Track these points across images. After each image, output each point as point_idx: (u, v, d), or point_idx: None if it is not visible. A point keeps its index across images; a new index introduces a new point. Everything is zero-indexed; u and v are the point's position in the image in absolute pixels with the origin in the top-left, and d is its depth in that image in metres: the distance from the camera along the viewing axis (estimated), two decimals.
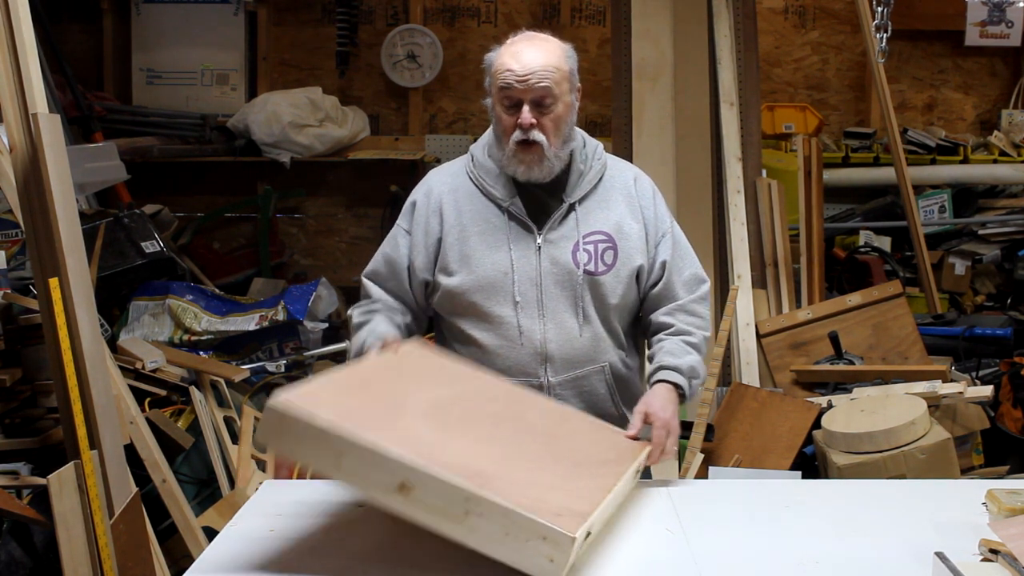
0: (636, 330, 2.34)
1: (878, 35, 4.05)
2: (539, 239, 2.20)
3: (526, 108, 2.11)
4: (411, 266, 2.26)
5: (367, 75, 6.04)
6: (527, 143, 2.13)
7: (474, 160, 2.27)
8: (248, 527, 1.89)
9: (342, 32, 5.90)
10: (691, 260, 2.31)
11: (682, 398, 2.19)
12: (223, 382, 3.86)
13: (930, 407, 3.30)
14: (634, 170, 2.34)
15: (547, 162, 2.15)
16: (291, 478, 3.59)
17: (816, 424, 3.46)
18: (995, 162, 5.73)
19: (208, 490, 3.45)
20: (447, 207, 2.24)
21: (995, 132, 5.87)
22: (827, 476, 3.28)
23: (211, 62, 5.87)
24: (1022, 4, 5.83)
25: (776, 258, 4.37)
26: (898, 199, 5.36)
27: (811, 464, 3.46)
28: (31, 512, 2.67)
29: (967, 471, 3.51)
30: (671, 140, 4.32)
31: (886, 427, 3.17)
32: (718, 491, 2.19)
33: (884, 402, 3.35)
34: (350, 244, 6.11)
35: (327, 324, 4.60)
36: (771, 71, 5.97)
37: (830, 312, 4.14)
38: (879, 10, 4.04)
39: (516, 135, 2.13)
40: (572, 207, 2.22)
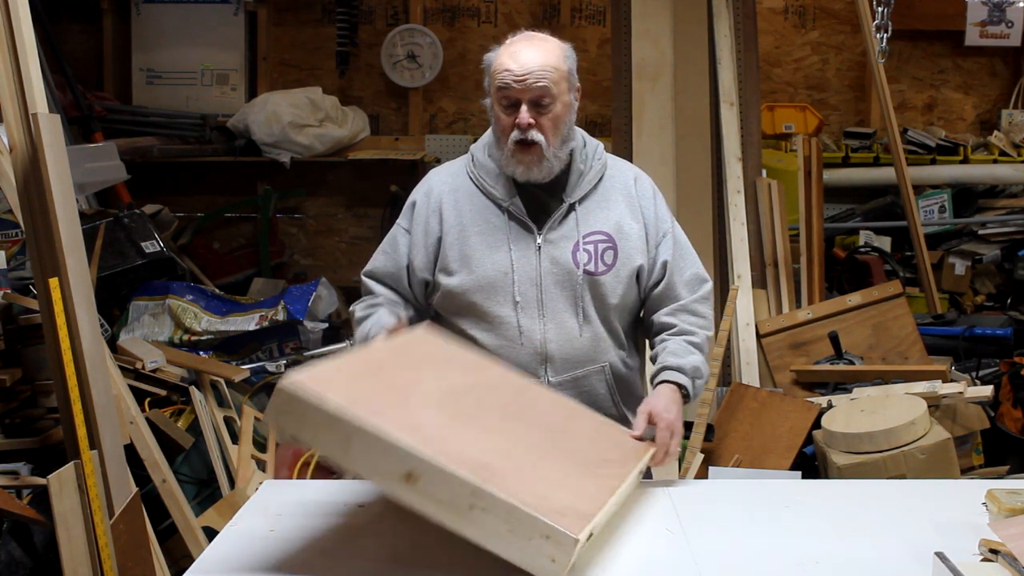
0: (636, 330, 2.34)
1: (878, 35, 4.05)
2: (539, 239, 2.19)
3: (524, 108, 2.11)
4: (410, 265, 2.27)
5: (367, 75, 6.04)
6: (525, 143, 2.12)
7: (474, 160, 2.27)
8: (248, 527, 1.89)
9: (342, 32, 5.90)
10: (692, 260, 2.31)
11: (686, 398, 2.19)
12: (223, 382, 3.86)
13: (930, 407, 3.30)
14: (634, 170, 2.34)
15: (546, 162, 2.15)
16: (291, 478, 3.60)
17: (816, 424, 3.46)
18: (995, 162, 5.73)
19: (208, 490, 3.45)
20: (447, 207, 2.24)
21: (995, 132, 5.87)
22: (827, 476, 3.28)
23: (211, 62, 5.87)
24: (1022, 4, 5.83)
25: (776, 258, 4.37)
26: (898, 199, 5.36)
27: (811, 464, 3.46)
28: (31, 512, 2.67)
29: (967, 471, 3.51)
30: (671, 140, 4.32)
31: (886, 427, 3.17)
32: (718, 491, 2.19)
33: (884, 402, 3.35)
34: (350, 244, 6.11)
35: (327, 324, 4.60)
36: (771, 71, 5.97)
37: (830, 312, 4.15)
38: (879, 10, 4.04)
39: (514, 135, 2.12)
40: (572, 207, 2.21)
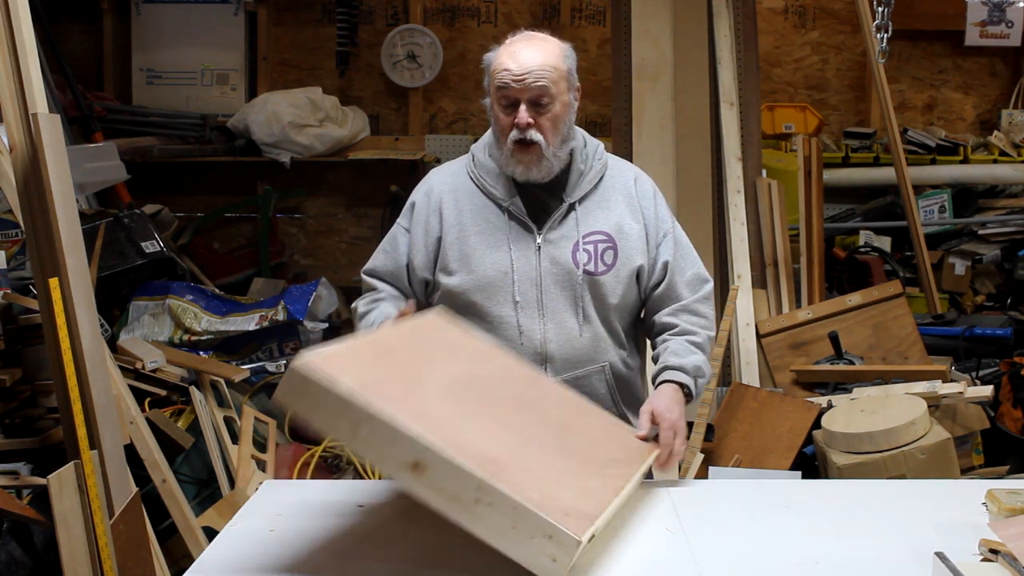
0: (637, 330, 2.34)
1: (879, 35, 4.05)
2: (539, 239, 2.19)
3: (523, 107, 2.11)
4: (410, 264, 2.27)
5: (367, 75, 6.04)
6: (525, 143, 2.12)
7: (475, 160, 2.27)
8: (248, 527, 1.89)
9: (342, 32, 5.90)
10: (693, 260, 2.31)
11: (688, 397, 2.19)
12: (223, 382, 3.86)
13: (930, 407, 3.30)
14: (635, 170, 2.33)
15: (545, 162, 2.15)
16: (291, 478, 3.60)
17: (816, 424, 3.46)
18: (995, 162, 5.73)
19: (208, 490, 3.45)
20: (447, 206, 2.24)
21: (995, 132, 5.87)
22: (827, 476, 3.28)
23: (211, 62, 5.87)
24: (1022, 4, 5.83)
25: (776, 258, 4.36)
26: (898, 199, 5.36)
27: (811, 464, 3.46)
28: (31, 512, 2.67)
29: (967, 471, 3.51)
30: (671, 140, 4.32)
31: (886, 427, 3.17)
32: (718, 491, 2.19)
33: (884, 402, 3.35)
34: (350, 244, 6.11)
35: (327, 324, 4.60)
36: (771, 71, 5.97)
37: (830, 312, 4.14)
38: (880, 10, 4.04)
39: (513, 135, 2.12)
40: (572, 207, 2.21)
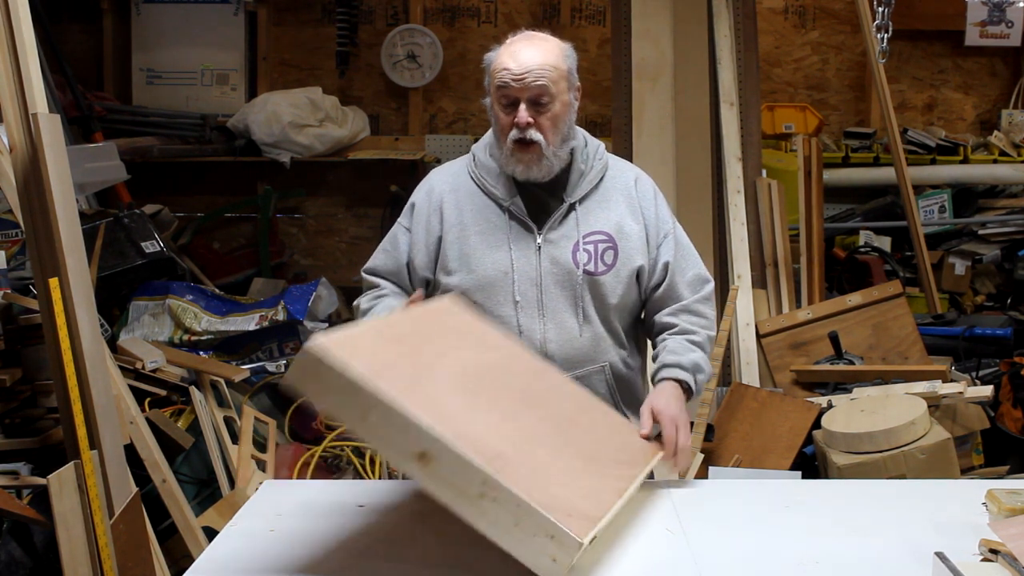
0: (637, 330, 2.34)
1: (879, 35, 4.06)
2: (539, 239, 2.19)
3: (523, 107, 2.11)
4: (411, 263, 2.27)
5: (367, 75, 6.04)
6: (524, 142, 2.12)
7: (475, 160, 2.27)
8: (248, 527, 1.89)
9: (342, 32, 5.90)
10: (694, 261, 2.31)
11: (688, 394, 2.18)
12: (223, 382, 3.85)
13: (930, 407, 3.30)
14: (635, 171, 2.33)
15: (545, 161, 2.15)
16: (291, 478, 3.60)
17: (816, 424, 3.45)
18: (995, 162, 5.73)
19: (208, 490, 3.45)
20: (448, 206, 2.25)
21: (995, 132, 5.88)
22: (827, 476, 3.28)
23: (211, 62, 5.88)
24: (1022, 4, 5.83)
25: (776, 258, 4.36)
26: (898, 199, 5.36)
27: (811, 464, 3.46)
28: (31, 512, 2.67)
29: (967, 471, 3.50)
30: (671, 140, 4.32)
31: (886, 427, 3.17)
32: (718, 491, 2.19)
33: (884, 402, 3.34)
34: (350, 244, 6.11)
35: (327, 324, 4.59)
36: (771, 71, 5.97)
37: (830, 312, 4.14)
38: (880, 10, 4.05)
39: (513, 134, 2.13)
40: (572, 207, 2.21)
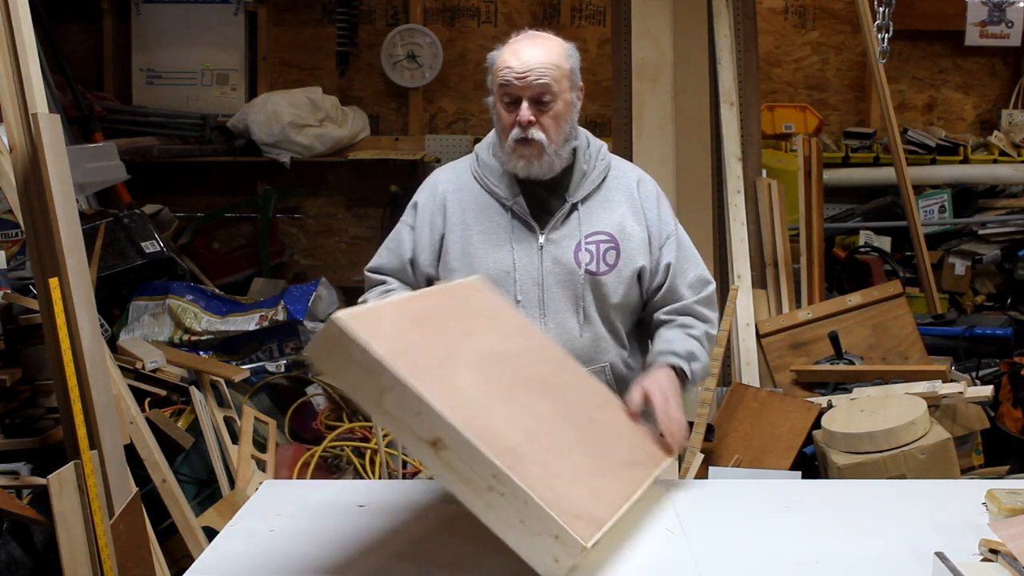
0: (639, 331, 2.34)
1: (880, 35, 4.06)
2: (541, 238, 2.20)
3: (525, 105, 2.11)
4: (415, 261, 2.27)
5: (367, 75, 6.04)
6: (526, 140, 2.13)
7: (478, 159, 2.28)
8: (248, 527, 1.89)
9: (342, 32, 5.90)
10: (696, 262, 2.31)
11: (683, 381, 2.18)
12: (223, 382, 3.86)
13: (930, 407, 3.30)
14: (638, 172, 2.34)
15: (546, 157, 2.15)
16: (291, 478, 3.60)
17: (816, 424, 3.45)
18: (995, 162, 5.73)
19: (208, 490, 3.45)
20: (451, 204, 2.25)
21: (995, 132, 5.88)
22: (827, 476, 3.28)
23: (211, 62, 5.88)
24: (1022, 4, 5.83)
25: (776, 258, 4.36)
26: (898, 199, 5.36)
27: (811, 464, 3.46)
28: (31, 512, 2.67)
29: (967, 471, 3.50)
30: (671, 140, 4.32)
31: (886, 427, 3.17)
32: (718, 491, 2.19)
33: (884, 402, 3.34)
34: (350, 244, 6.11)
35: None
36: (771, 71, 5.97)
37: (830, 312, 4.14)
38: (880, 10, 4.05)
39: (515, 132, 2.13)
40: (575, 207, 2.22)
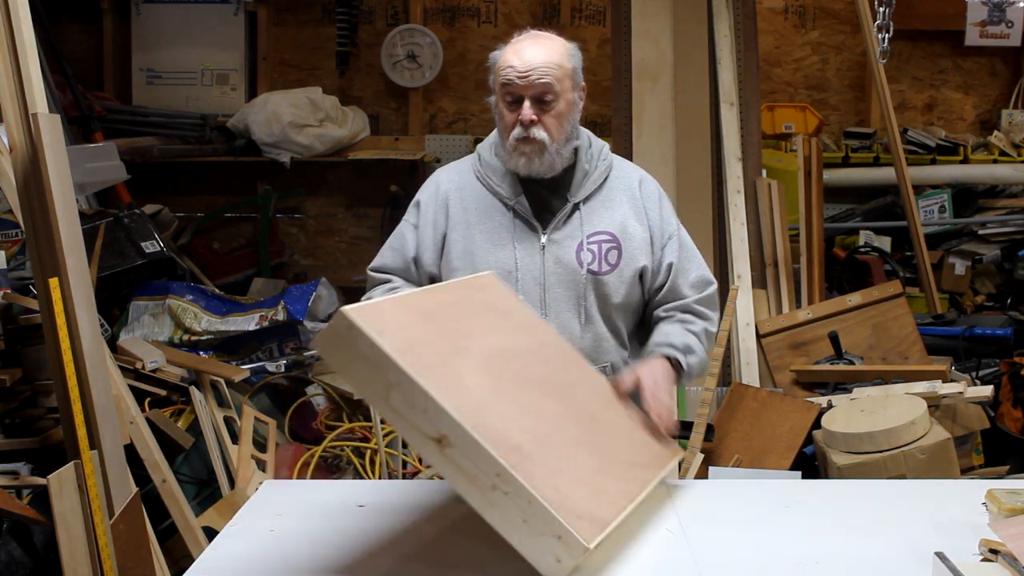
0: (640, 331, 2.34)
1: (880, 35, 4.06)
2: (543, 238, 2.20)
3: (527, 104, 2.12)
4: (418, 259, 2.27)
5: (367, 75, 6.04)
6: (528, 139, 2.13)
7: (481, 159, 2.28)
8: (248, 527, 1.89)
9: (342, 32, 5.90)
10: (698, 262, 2.31)
11: (679, 373, 2.18)
12: (223, 382, 3.85)
13: (930, 407, 3.30)
14: (640, 172, 2.34)
15: (547, 156, 2.16)
16: (291, 478, 3.60)
17: (816, 424, 3.46)
18: (995, 162, 5.73)
19: (208, 490, 3.45)
20: (453, 203, 2.25)
21: (995, 132, 5.87)
22: (827, 476, 3.28)
23: (211, 62, 5.88)
24: (1022, 4, 5.83)
25: (776, 258, 4.37)
26: (898, 199, 5.36)
27: (811, 464, 3.46)
28: (31, 512, 2.67)
29: (967, 471, 3.51)
30: (671, 140, 4.32)
31: (886, 427, 3.17)
32: (718, 491, 2.19)
33: (884, 402, 3.35)
34: (350, 244, 6.11)
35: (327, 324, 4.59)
36: (771, 71, 5.97)
37: (830, 312, 4.14)
38: (881, 10, 4.05)
39: (517, 131, 2.13)
40: (576, 207, 2.22)
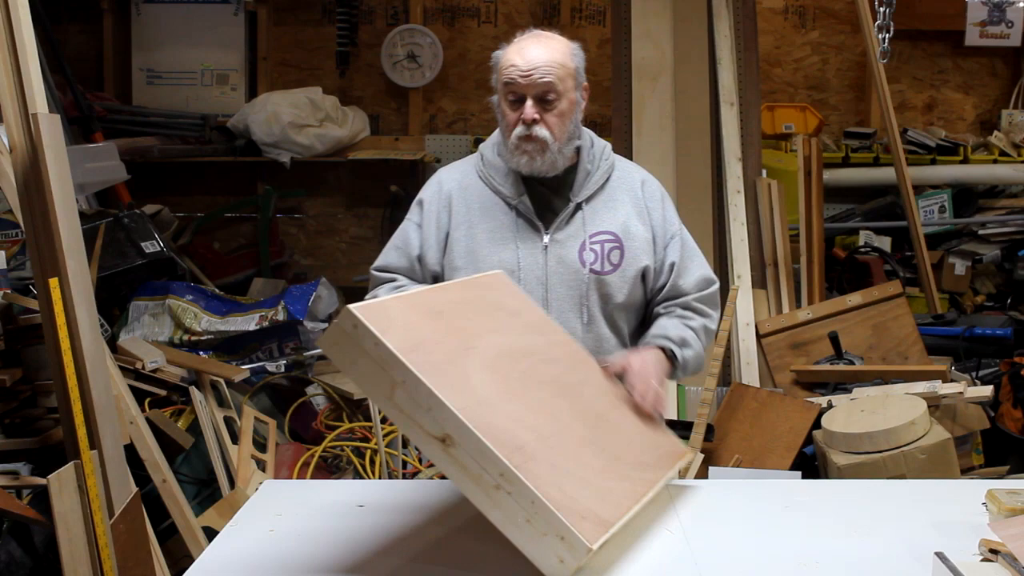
0: (642, 332, 2.33)
1: (880, 35, 4.05)
2: (546, 238, 2.20)
3: (529, 102, 2.12)
4: (422, 258, 2.27)
5: (367, 75, 6.04)
6: (530, 137, 2.13)
7: (483, 159, 2.28)
8: (248, 527, 1.89)
9: (342, 32, 5.90)
10: (700, 261, 2.32)
11: (672, 363, 2.19)
12: (223, 382, 3.85)
13: (930, 407, 3.30)
14: (642, 173, 2.34)
15: (549, 154, 2.16)
16: (291, 478, 3.60)
17: (816, 424, 3.45)
18: (995, 162, 5.73)
19: (208, 490, 3.45)
20: (456, 202, 2.26)
21: (995, 132, 5.88)
22: (827, 476, 3.28)
23: (211, 62, 5.88)
24: (1022, 4, 5.83)
25: (776, 258, 4.37)
26: (898, 199, 5.36)
27: (811, 464, 3.46)
28: (31, 512, 2.67)
29: (967, 471, 3.51)
30: (671, 140, 4.32)
31: (886, 427, 3.17)
32: (718, 491, 2.19)
33: (884, 402, 3.34)
34: (350, 244, 6.11)
35: (327, 324, 4.59)
36: (771, 71, 5.97)
37: (830, 312, 4.14)
38: (881, 11, 4.05)
39: (519, 130, 2.14)
40: (579, 206, 2.22)
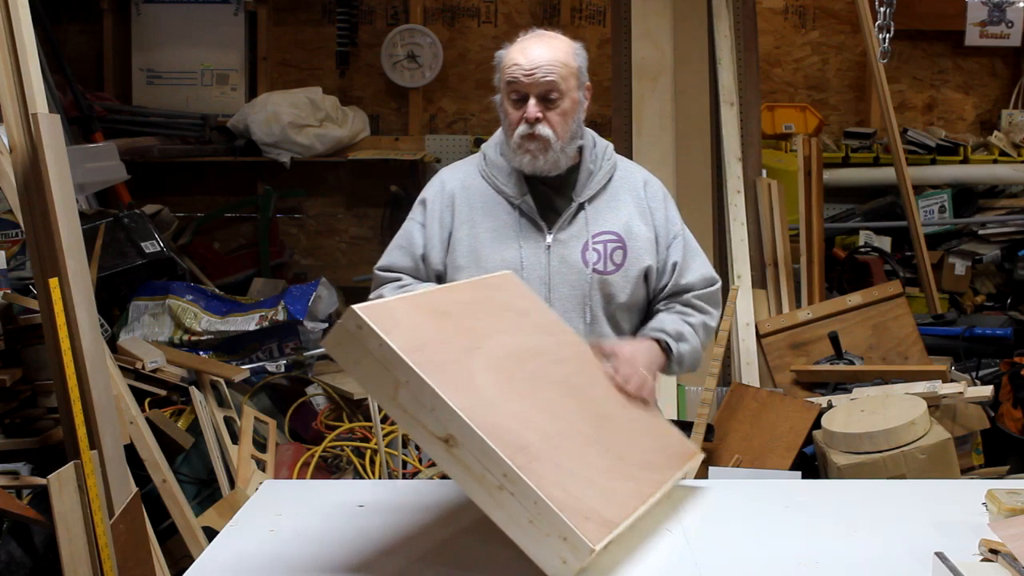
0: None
1: (880, 35, 4.05)
2: (549, 238, 2.21)
3: (532, 101, 2.13)
4: (426, 257, 2.27)
5: (367, 75, 6.04)
6: (533, 136, 2.14)
7: (486, 158, 2.29)
8: (248, 527, 1.89)
9: (342, 32, 5.90)
10: (702, 261, 2.32)
11: (667, 356, 2.19)
12: (223, 382, 3.85)
13: (930, 407, 3.30)
14: (644, 173, 2.34)
15: (552, 153, 2.16)
16: (291, 478, 3.60)
17: (816, 424, 3.45)
18: (995, 162, 5.73)
19: (208, 490, 3.45)
20: (459, 201, 2.26)
21: (995, 132, 5.87)
22: (827, 476, 3.28)
23: (211, 62, 5.88)
24: (1022, 4, 5.83)
25: (776, 258, 4.37)
26: (898, 199, 5.36)
27: (811, 464, 3.46)
28: (31, 512, 2.67)
29: (967, 471, 3.51)
30: (671, 140, 4.32)
31: (886, 427, 3.17)
32: (718, 491, 2.19)
33: (884, 402, 3.34)
34: (350, 244, 6.11)
35: (327, 324, 4.59)
36: (771, 71, 5.97)
37: (830, 312, 4.14)
38: (881, 11, 4.05)
39: (522, 129, 2.14)
40: (582, 206, 2.23)
